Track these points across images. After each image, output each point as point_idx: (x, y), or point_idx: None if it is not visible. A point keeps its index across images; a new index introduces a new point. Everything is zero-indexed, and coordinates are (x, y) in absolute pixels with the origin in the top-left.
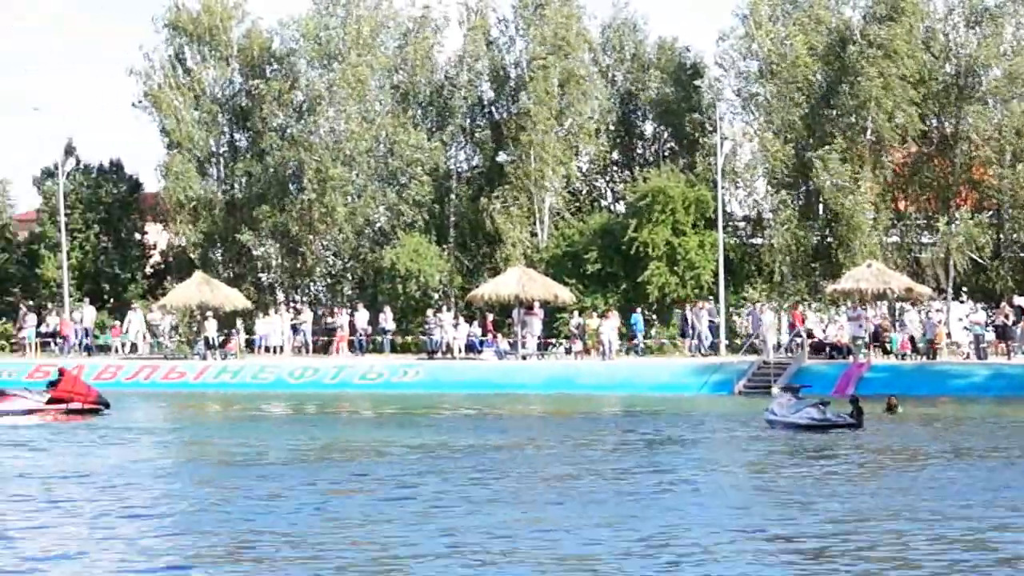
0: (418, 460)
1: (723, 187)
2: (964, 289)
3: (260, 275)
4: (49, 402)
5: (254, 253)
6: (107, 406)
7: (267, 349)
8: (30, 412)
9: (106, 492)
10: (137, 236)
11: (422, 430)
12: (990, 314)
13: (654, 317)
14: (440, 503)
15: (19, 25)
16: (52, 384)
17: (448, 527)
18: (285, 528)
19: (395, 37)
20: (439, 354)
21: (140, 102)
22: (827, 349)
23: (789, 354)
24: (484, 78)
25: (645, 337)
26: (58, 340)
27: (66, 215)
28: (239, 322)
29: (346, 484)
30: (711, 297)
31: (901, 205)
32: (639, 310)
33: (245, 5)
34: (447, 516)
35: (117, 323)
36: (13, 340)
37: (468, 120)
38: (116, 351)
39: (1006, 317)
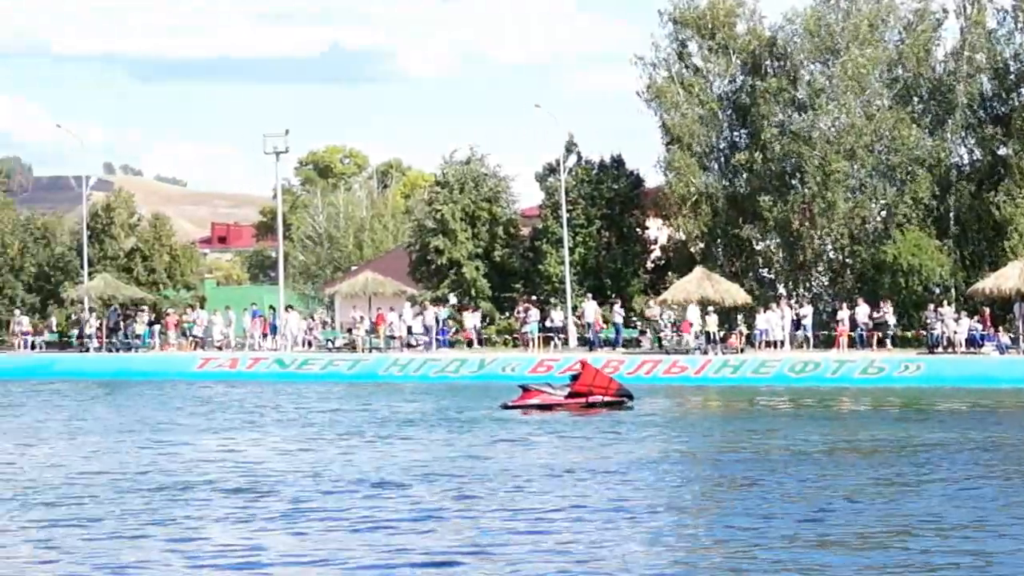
0: (948, 456)
1: None
2: None
3: (761, 270)
4: (569, 396)
5: (756, 248)
6: (630, 398)
7: (768, 344)
8: (550, 407)
9: (627, 486)
10: (639, 231)
11: (937, 425)
12: None
13: None
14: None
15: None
16: (575, 378)
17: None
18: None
19: (894, 31)
20: (940, 348)
21: (645, 91)
22: None
23: None
24: (985, 72)
25: None
26: (561, 335)
27: (568, 211)
28: (740, 317)
29: (890, 480)
30: None
31: None
32: None
33: (753, 3)
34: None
35: (687, 318)
36: (515, 335)
37: (968, 114)
38: (696, 351)
39: None
